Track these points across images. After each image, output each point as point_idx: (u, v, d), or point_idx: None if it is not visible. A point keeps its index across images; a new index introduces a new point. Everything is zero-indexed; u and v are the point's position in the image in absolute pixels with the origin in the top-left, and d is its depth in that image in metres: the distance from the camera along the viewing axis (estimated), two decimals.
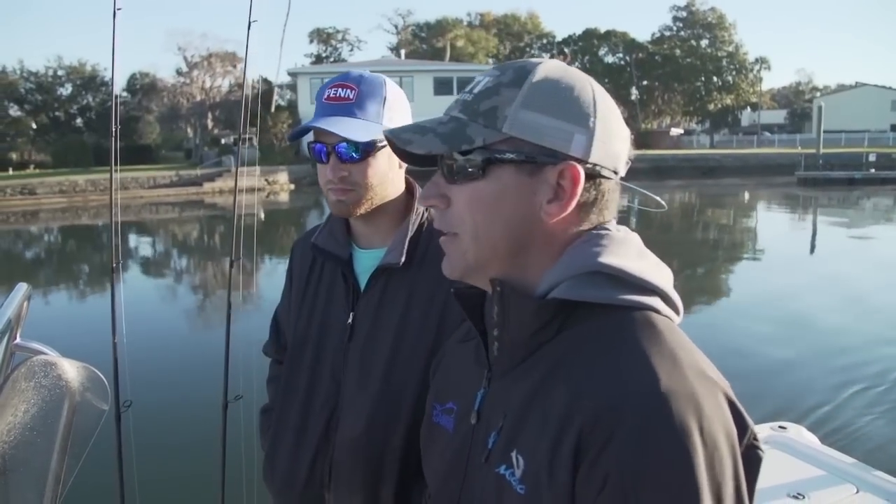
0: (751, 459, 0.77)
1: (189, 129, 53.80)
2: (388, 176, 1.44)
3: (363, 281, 1.49)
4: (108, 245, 1.37)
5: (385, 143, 1.38)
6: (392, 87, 1.45)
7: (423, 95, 42.37)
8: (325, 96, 1.42)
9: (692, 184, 35.93)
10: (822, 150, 36.68)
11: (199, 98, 49.07)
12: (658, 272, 0.87)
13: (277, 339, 1.66)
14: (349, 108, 1.38)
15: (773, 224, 21.79)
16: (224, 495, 1.58)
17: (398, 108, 1.45)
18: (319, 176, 1.45)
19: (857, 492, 2.29)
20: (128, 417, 1.37)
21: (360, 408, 1.45)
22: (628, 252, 0.86)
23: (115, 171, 1.44)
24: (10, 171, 39.85)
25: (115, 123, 1.39)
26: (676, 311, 0.87)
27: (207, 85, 49.52)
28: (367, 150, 1.39)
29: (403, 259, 1.43)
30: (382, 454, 1.44)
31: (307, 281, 1.58)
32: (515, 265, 0.88)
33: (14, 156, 50.53)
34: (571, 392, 0.78)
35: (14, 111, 53.30)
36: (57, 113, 54.21)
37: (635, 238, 0.90)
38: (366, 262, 1.51)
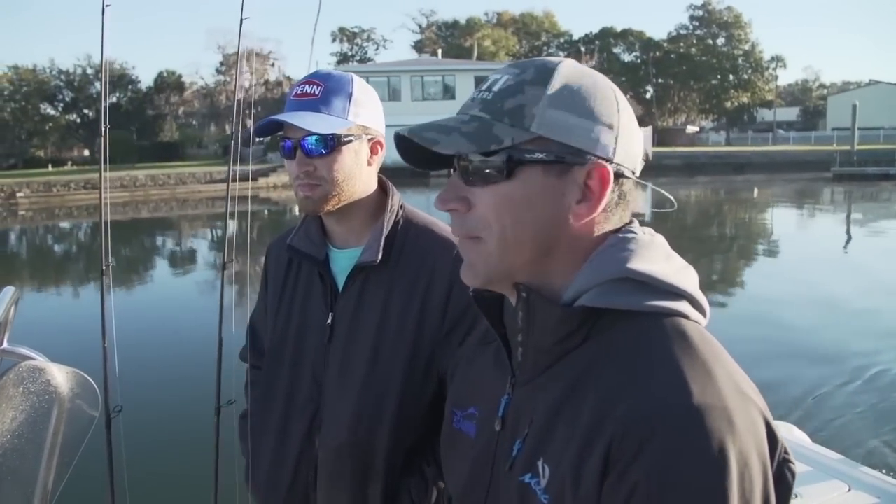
0: (783, 478, 0.76)
1: (228, 127, 54.75)
2: (354, 172, 1.44)
3: (341, 281, 1.49)
4: (101, 246, 1.36)
5: (351, 138, 1.41)
6: (360, 85, 1.46)
7: (464, 94, 43.32)
8: (294, 93, 1.44)
9: (726, 180, 36.41)
10: (856, 147, 37.39)
11: (240, 96, 49.69)
12: (685, 275, 0.85)
13: (254, 345, 1.65)
14: (314, 104, 1.40)
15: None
16: (217, 501, 1.56)
17: (366, 104, 1.46)
18: (288, 173, 1.45)
19: (849, 490, 2.29)
20: (118, 423, 1.35)
21: (343, 408, 1.45)
22: (655, 256, 0.84)
23: (105, 170, 1.43)
24: (50, 168, 40.35)
25: (105, 123, 1.37)
26: (703, 313, 0.85)
27: (247, 83, 50.14)
28: (331, 144, 1.40)
29: (380, 256, 1.43)
30: (368, 453, 1.44)
31: (284, 283, 1.58)
32: (539, 269, 0.85)
33: (42, 153, 51.53)
34: (601, 401, 0.76)
35: (45, 109, 54.45)
36: (86, 111, 55.10)
37: (661, 241, 0.89)
38: (342, 262, 1.51)
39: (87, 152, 52.99)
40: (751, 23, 66.20)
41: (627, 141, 0.84)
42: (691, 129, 61.76)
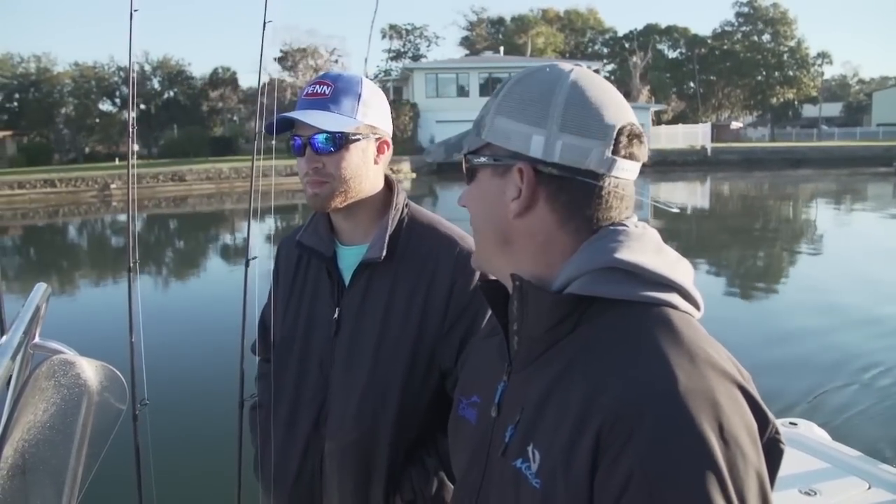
0: (772, 452, 0.79)
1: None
2: (361, 170, 1.48)
3: (347, 277, 1.53)
4: (128, 243, 1.40)
5: (359, 136, 1.46)
6: (369, 86, 1.51)
7: None
8: (305, 93, 1.49)
9: (783, 175, 36.05)
10: None
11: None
12: (676, 268, 0.87)
13: (265, 338, 1.69)
14: (324, 103, 1.45)
15: None
16: (240, 493, 1.59)
17: (374, 104, 1.50)
18: (298, 170, 1.49)
19: (869, 487, 2.26)
20: (145, 416, 1.39)
21: (347, 401, 1.49)
22: (645, 248, 0.87)
23: (133, 166, 1.46)
24: (117, 161, 41.21)
25: (132, 124, 1.41)
26: (697, 306, 0.87)
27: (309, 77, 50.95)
28: (339, 142, 1.44)
29: (384, 254, 1.47)
30: (371, 446, 1.48)
31: (293, 278, 1.62)
32: (512, 259, 0.92)
33: (100, 148, 52.86)
34: (589, 388, 0.79)
35: (105, 105, 56.08)
36: (143, 106, 56.47)
37: (653, 234, 0.91)
38: (349, 259, 1.55)
39: (136, 146, 54.09)
40: (796, 19, 65.20)
41: (575, 141, 0.86)
42: (735, 125, 61.06)
